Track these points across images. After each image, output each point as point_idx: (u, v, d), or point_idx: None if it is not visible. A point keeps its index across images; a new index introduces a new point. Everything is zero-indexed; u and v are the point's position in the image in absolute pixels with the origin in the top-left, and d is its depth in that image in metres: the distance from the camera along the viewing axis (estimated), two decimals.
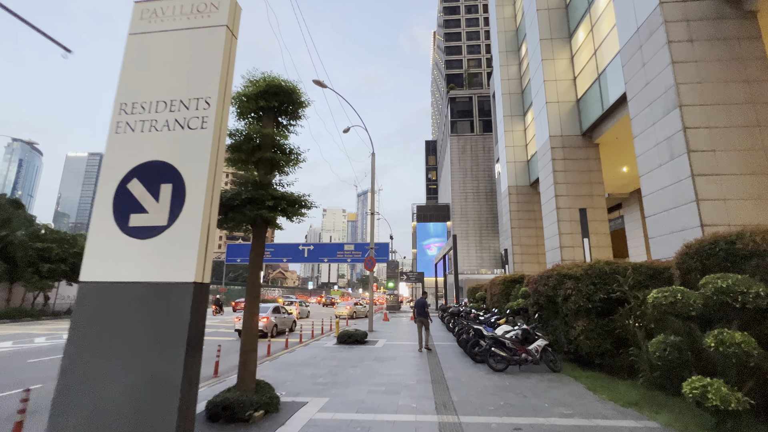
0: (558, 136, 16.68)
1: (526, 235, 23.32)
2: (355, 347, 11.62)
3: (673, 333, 4.96)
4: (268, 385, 5.56)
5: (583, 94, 16.27)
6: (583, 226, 10.12)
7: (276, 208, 5.73)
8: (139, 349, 3.75)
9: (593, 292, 7.53)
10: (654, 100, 9.35)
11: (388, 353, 10.49)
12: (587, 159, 16.37)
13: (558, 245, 15.81)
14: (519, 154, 24.75)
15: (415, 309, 11.71)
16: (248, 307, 5.73)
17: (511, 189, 24.26)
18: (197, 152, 4.23)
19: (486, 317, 11.77)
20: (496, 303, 15.88)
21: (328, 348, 11.54)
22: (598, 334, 7.42)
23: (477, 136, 61.11)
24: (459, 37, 73.78)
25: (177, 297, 3.85)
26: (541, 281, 9.07)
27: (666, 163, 8.90)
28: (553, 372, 7.82)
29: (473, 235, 56.89)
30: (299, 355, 10.20)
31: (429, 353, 10.48)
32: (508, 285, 14.96)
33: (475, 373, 7.82)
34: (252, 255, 5.98)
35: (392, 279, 33.70)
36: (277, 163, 6.27)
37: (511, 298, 14.33)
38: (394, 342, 13.03)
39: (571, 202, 16.00)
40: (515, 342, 8.05)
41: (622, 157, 17.60)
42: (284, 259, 47.26)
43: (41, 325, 19.51)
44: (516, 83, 25.76)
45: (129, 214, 4.13)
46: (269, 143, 6.09)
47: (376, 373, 7.91)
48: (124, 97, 4.50)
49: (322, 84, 16.81)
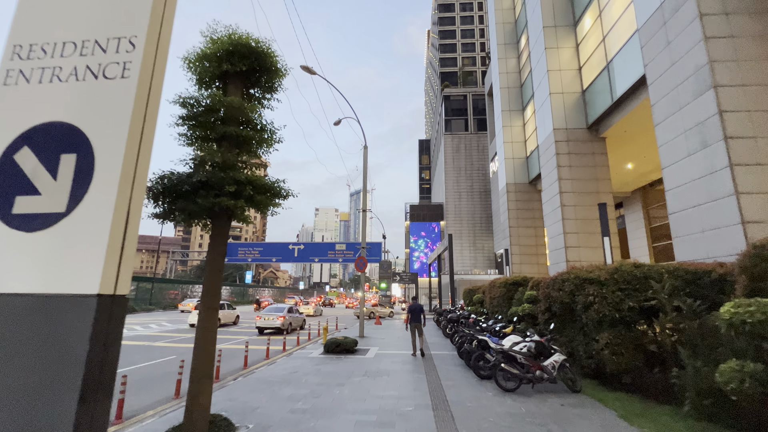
0: (562, 129, 15.66)
1: (525, 235, 22.33)
2: (344, 358, 10.42)
3: (752, 358, 3.88)
4: (227, 423, 4.35)
5: (590, 85, 15.27)
6: (604, 224, 9.07)
7: (240, 196, 4.52)
8: (10, 392, 2.53)
9: (620, 300, 6.45)
10: (681, 81, 8.32)
11: (380, 366, 9.32)
12: (593, 154, 15.38)
13: (562, 245, 14.80)
14: (518, 150, 23.76)
15: (409, 314, 11.30)
16: (203, 321, 4.51)
17: (510, 186, 23.25)
18: (114, 111, 2.97)
19: (489, 325, 10.66)
20: (497, 307, 14.81)
21: (314, 359, 10.32)
22: (626, 348, 6.34)
23: (471, 135, 60.33)
24: (453, 35, 72.95)
25: (72, 316, 2.63)
26: (555, 285, 7.98)
27: (696, 153, 7.87)
28: (573, 393, 6.73)
29: (467, 235, 56.03)
30: (279, 369, 8.98)
31: (426, 364, 9.35)
32: (510, 288, 13.89)
33: (482, 395, 6.69)
34: (210, 255, 4.74)
35: (385, 279, 32.53)
36: (246, 141, 5.06)
37: (513, 303, 13.27)
38: (386, 351, 11.85)
39: (577, 199, 14.99)
40: (528, 357, 6.94)
41: (628, 154, 16.66)
42: (273, 259, 45.82)
43: None
44: (515, 77, 24.76)
45: (14, 196, 2.86)
46: (236, 116, 4.89)
47: (366, 394, 6.74)
48: (20, 37, 3.23)
49: (310, 70, 15.57)
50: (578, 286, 7.21)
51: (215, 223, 4.77)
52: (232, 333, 17.96)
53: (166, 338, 15.24)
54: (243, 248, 45.13)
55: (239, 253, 44.74)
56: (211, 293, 4.55)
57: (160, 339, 14.97)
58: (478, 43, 72.47)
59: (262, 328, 17.82)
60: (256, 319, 18.13)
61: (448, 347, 12.60)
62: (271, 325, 17.55)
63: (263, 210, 5.06)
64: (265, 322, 17.65)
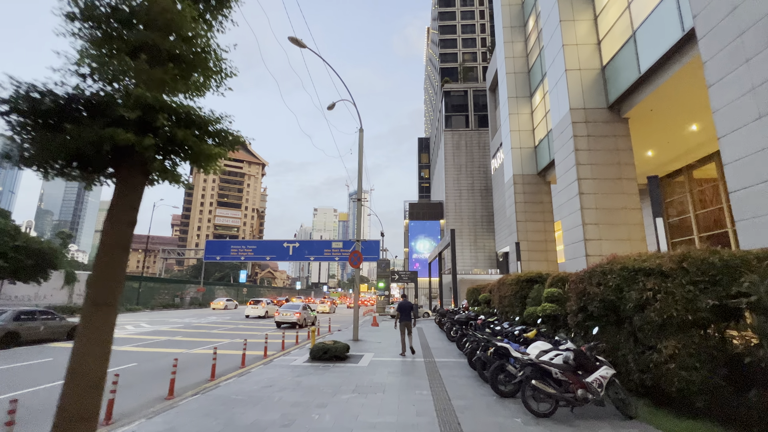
0: (580, 109, 14.06)
1: (534, 230, 20.72)
2: (332, 367, 8.78)
3: None
4: None
5: (611, 60, 13.68)
6: (655, 202, 7.46)
7: (149, 129, 2.89)
8: None
9: (694, 297, 4.84)
10: (747, 28, 6.72)
11: (374, 378, 7.68)
12: (615, 136, 13.78)
13: (581, 238, 13.18)
14: (525, 139, 22.16)
15: (399, 313, 11.10)
16: (86, 328, 2.86)
17: (517, 178, 21.64)
18: None
19: (505, 328, 9.04)
20: (507, 307, 13.21)
21: (296, 368, 8.68)
22: (701, 361, 4.73)
23: (472, 132, 58.90)
24: (454, 30, 71.50)
25: None
26: (593, 279, 6.36)
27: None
28: (628, 419, 5.10)
29: (467, 234, 54.54)
30: (251, 382, 7.33)
31: (430, 375, 7.72)
32: (523, 286, 12.30)
33: (508, 422, 5.06)
34: (109, 220, 3.10)
35: (383, 279, 30.93)
36: (178, 62, 3.44)
37: (528, 302, 11.68)
38: (383, 357, 10.20)
39: (597, 187, 13.39)
40: (567, 371, 5.31)
41: (649, 139, 15.08)
42: (267, 257, 44.15)
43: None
44: (522, 62, 23.17)
45: None
46: (164, 23, 3.27)
47: (353, 421, 5.10)
48: None
49: (300, 43, 13.95)
50: (628, 280, 5.60)
51: (119, 176, 3.13)
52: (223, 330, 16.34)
53: (137, 342, 13.58)
54: (236, 246, 43.47)
55: (231, 251, 43.07)
56: (101, 285, 2.92)
57: (129, 342, 13.31)
58: (479, 39, 71.06)
59: (280, 322, 20.19)
60: (275, 314, 20.97)
61: (454, 353, 10.98)
62: (288, 320, 19.89)
63: (200, 162, 3.42)
64: (283, 317, 19.97)
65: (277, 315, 20.43)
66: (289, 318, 19.76)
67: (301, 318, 20.22)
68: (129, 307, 31.70)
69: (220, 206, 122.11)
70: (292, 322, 19.84)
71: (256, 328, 19.49)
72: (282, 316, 19.95)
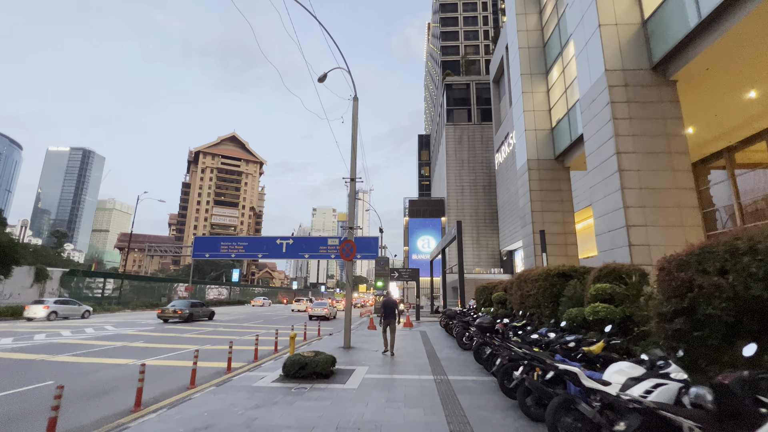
0: (618, 71, 11.71)
1: (551, 221, 18.36)
2: (308, 390, 6.39)
3: None
4: None
5: (657, 10, 11.33)
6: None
7: None
8: None
9: None
10: None
11: (366, 411, 5.30)
12: (661, 102, 11.43)
13: (622, 224, 10.82)
14: (541, 120, 19.82)
15: (382, 310, 10.88)
16: None
17: (531, 163, 19.29)
18: None
19: (549, 337, 6.65)
20: (532, 308, 10.82)
21: (259, 390, 6.29)
22: None
23: (474, 126, 56.65)
24: (456, 22, 69.32)
25: None
26: (708, 264, 4.01)
27: None
28: None
29: (469, 232, 52.17)
30: (177, 421, 4.96)
31: (448, 408, 5.37)
32: (554, 282, 9.92)
33: None
34: None
35: (382, 277, 28.55)
36: None
37: (562, 302, 9.32)
38: (379, 373, 7.81)
39: (642, 162, 11.03)
40: (707, 422, 2.96)
41: (694, 111, 12.74)
42: (259, 255, 41.72)
43: None
44: (536, 36, 20.85)
45: None
46: None
47: None
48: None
49: None
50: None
51: None
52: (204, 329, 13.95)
53: (81, 349, 11.14)
54: (225, 242, 40.99)
55: (222, 248, 40.61)
56: None
57: (70, 350, 10.88)
58: (481, 31, 68.89)
59: (312, 315, 25.68)
60: (308, 310, 28.11)
61: (471, 366, 8.60)
62: (319, 314, 25.52)
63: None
64: (315, 312, 25.74)
65: (309, 310, 26.59)
66: (319, 312, 25.55)
67: (329, 312, 26.63)
68: (107, 308, 29.25)
69: (217, 205, 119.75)
70: (322, 315, 25.40)
71: (241, 331, 17.10)
72: (314, 311, 25.82)
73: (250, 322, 22.95)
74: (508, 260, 45.85)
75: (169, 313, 21.29)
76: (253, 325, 20.83)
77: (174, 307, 21.73)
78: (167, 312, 21.32)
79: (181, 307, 21.60)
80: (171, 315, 21.23)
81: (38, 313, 20.50)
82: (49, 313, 20.79)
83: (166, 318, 21.26)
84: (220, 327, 19.52)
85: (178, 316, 21.19)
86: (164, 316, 21.27)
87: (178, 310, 21.29)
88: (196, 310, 22.55)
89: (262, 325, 21.44)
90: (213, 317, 24.56)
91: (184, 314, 21.37)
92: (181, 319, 21.31)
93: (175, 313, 21.23)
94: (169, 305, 22.43)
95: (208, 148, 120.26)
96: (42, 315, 20.51)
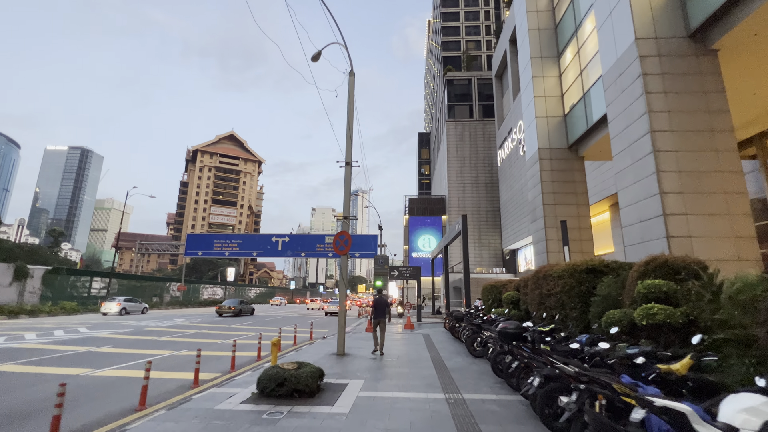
0: (650, 39, 10.28)
1: (565, 215, 16.91)
2: (284, 416, 4.94)
3: None
4: None
5: None
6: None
7: None
8: None
9: None
10: None
11: None
12: (701, 74, 10.01)
13: (659, 212, 9.39)
14: (553, 107, 18.41)
15: (374, 309, 10.66)
16: None
17: (543, 152, 17.87)
18: None
19: (595, 348, 5.18)
20: (555, 309, 9.38)
21: (222, 416, 4.86)
22: None
23: (476, 122, 55.30)
24: (457, 17, 67.93)
25: None
26: None
27: None
28: None
29: (471, 230, 50.63)
30: None
31: None
32: (581, 279, 8.50)
33: None
34: None
35: (381, 276, 27.07)
36: None
37: (594, 302, 7.88)
38: (378, 392, 6.34)
39: (680, 142, 9.60)
40: None
41: (733, 89, 11.32)
42: (254, 253, 40.20)
43: None
44: (547, 16, 19.44)
45: None
46: None
47: None
48: None
49: None
50: None
51: None
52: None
53: (36, 355, 9.65)
54: (219, 240, 39.48)
55: (215, 246, 39.11)
56: None
57: (23, 356, 9.40)
58: (483, 26, 67.52)
59: (328, 312, 30.58)
60: (324, 308, 33.50)
61: (488, 380, 7.14)
62: (334, 311, 29.62)
63: None
64: (330, 309, 30.43)
65: (325, 308, 31.63)
66: (334, 309, 29.54)
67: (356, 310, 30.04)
68: (91, 308, 27.77)
69: (215, 204, 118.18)
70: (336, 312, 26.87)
71: (223, 334, 15.64)
72: (329, 308, 30.36)
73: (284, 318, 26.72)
74: (510, 259, 44.41)
75: (225, 309, 27.26)
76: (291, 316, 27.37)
77: (228, 304, 27.72)
78: (223, 308, 27.29)
79: (233, 305, 27.59)
80: (226, 310, 27.19)
81: (112, 309, 25.13)
82: (120, 309, 25.46)
83: (221, 313, 27.26)
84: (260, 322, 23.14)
85: (231, 312, 27.11)
86: (220, 311, 27.23)
87: (231, 307, 27.30)
88: (244, 307, 28.79)
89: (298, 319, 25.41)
90: (254, 313, 30.44)
91: (236, 310, 27.41)
92: (233, 314, 27.14)
93: (229, 309, 27.13)
94: (225, 303, 28.18)
95: (207, 146, 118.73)
96: (115, 311, 25.17)
